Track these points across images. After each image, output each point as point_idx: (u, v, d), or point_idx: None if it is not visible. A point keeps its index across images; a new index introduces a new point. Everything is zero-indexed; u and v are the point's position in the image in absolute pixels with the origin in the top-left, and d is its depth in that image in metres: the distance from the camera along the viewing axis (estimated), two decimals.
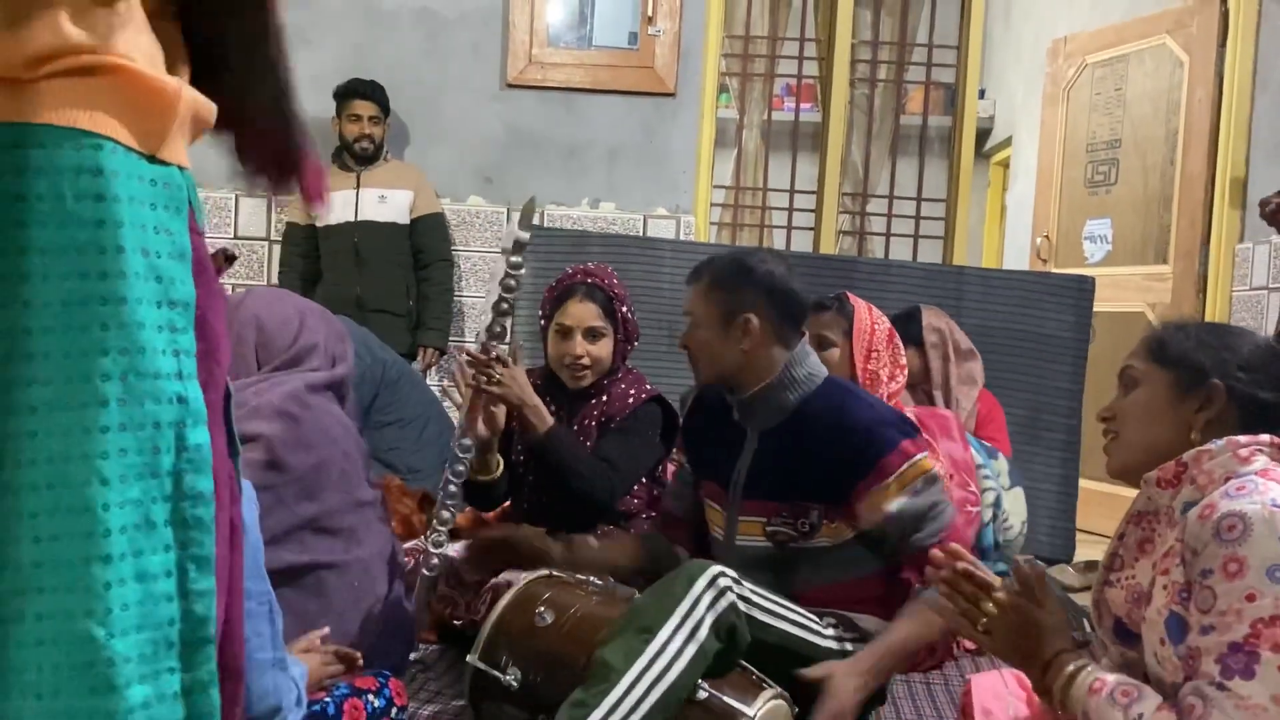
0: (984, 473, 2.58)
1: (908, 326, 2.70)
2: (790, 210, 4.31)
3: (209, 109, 0.91)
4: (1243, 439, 1.29)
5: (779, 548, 1.81)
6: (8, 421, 0.80)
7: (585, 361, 2.30)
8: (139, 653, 0.82)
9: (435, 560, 1.94)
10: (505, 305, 2.05)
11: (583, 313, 2.31)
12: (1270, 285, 3.61)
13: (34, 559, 0.79)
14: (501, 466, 2.29)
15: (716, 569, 1.61)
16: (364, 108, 3.59)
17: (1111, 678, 1.24)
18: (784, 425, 1.83)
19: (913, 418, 2.36)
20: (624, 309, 2.35)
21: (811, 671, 1.65)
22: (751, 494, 1.85)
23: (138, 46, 0.85)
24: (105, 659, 0.80)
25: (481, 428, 2.18)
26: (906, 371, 2.52)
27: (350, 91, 3.62)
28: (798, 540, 1.79)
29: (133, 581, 0.82)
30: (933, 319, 2.76)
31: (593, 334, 2.31)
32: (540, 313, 2.39)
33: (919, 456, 1.76)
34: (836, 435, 1.76)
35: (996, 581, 1.34)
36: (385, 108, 3.65)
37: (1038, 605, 1.32)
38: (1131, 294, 4.15)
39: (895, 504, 1.73)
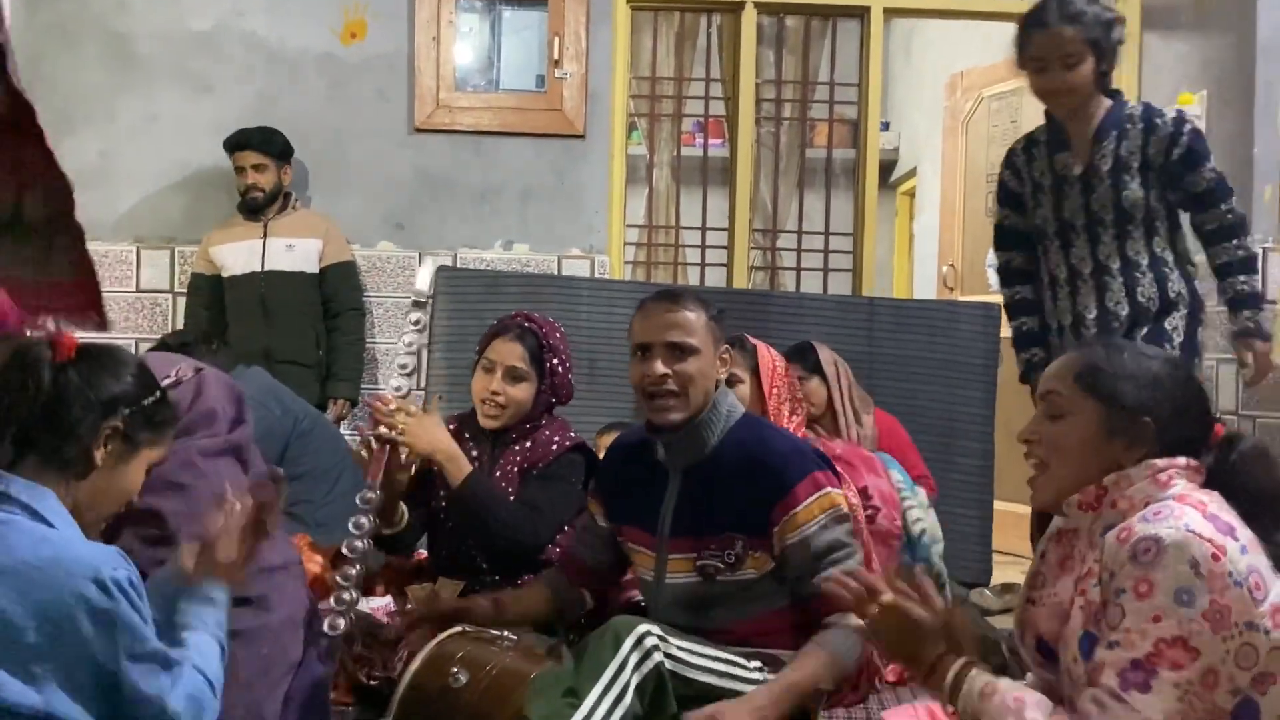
0: (910, 502, 2.66)
1: (807, 358, 2.88)
2: (703, 247, 4.36)
3: None
4: (1160, 462, 1.34)
5: (708, 581, 1.82)
6: None
7: (500, 400, 2.26)
8: None
9: (341, 620, 1.89)
10: (407, 362, 2.02)
11: (508, 352, 2.27)
12: None
13: None
14: (406, 516, 2.25)
15: (643, 628, 1.61)
16: (247, 158, 3.54)
17: (1003, 683, 1.29)
18: (705, 461, 1.86)
19: (841, 455, 2.43)
20: (555, 360, 2.31)
21: (699, 713, 1.64)
22: (678, 532, 1.86)
23: None
24: None
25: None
26: (804, 406, 2.61)
27: (234, 144, 3.57)
28: (725, 572, 1.81)
29: None
30: (825, 353, 2.92)
31: (513, 375, 2.27)
32: (476, 350, 2.35)
33: (829, 490, 1.81)
34: (755, 465, 1.81)
35: (882, 586, 1.38)
36: (277, 154, 3.58)
37: (922, 605, 1.35)
38: None
39: (802, 532, 1.77)
